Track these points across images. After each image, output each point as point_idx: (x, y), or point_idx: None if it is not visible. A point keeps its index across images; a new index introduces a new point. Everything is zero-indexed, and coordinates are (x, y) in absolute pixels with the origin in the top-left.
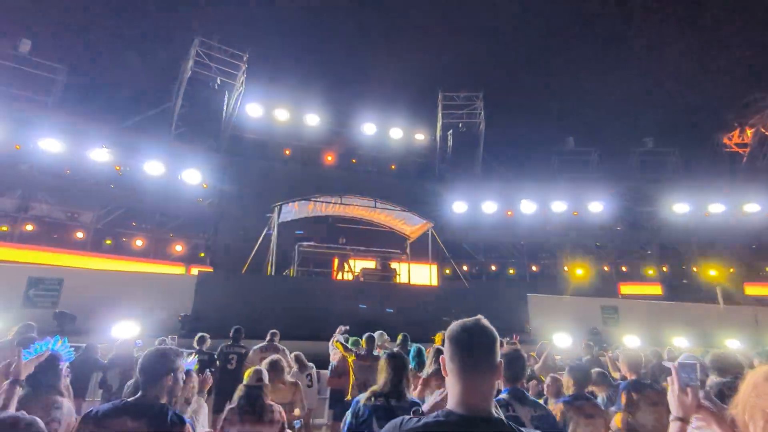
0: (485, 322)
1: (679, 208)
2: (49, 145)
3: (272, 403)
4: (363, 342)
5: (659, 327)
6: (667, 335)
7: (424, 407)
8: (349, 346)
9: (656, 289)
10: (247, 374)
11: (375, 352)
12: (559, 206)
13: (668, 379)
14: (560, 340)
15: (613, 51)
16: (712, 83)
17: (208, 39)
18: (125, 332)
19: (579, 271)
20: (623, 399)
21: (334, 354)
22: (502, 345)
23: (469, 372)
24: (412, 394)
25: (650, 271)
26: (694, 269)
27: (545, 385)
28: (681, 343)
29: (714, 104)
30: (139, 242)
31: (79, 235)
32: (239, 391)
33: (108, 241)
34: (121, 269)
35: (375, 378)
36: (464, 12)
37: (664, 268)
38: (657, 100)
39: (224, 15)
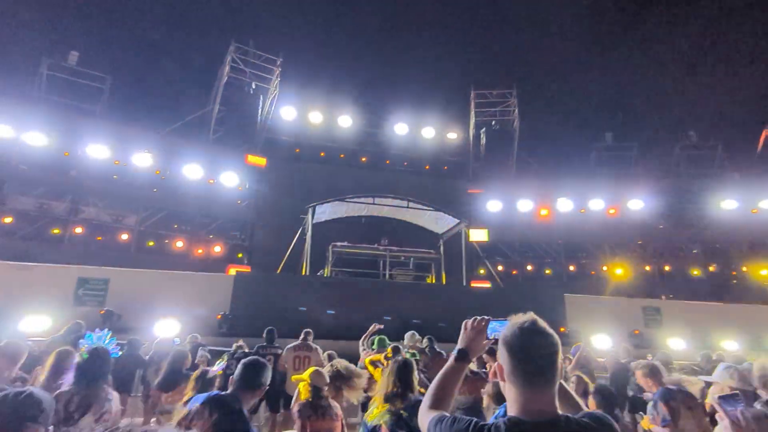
0: (542, 323)
1: (727, 204)
2: (97, 151)
3: (332, 400)
4: (389, 352)
5: (706, 329)
6: (715, 338)
7: None
8: (374, 346)
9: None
10: (308, 373)
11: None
12: (597, 204)
13: (716, 416)
14: (599, 342)
15: (652, 42)
16: (758, 74)
17: (244, 45)
18: (166, 330)
19: (619, 271)
20: (665, 409)
21: (365, 354)
22: None
23: (529, 378)
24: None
25: (696, 272)
26: (744, 269)
27: (571, 384)
28: (731, 346)
29: (760, 96)
30: (179, 243)
31: (124, 237)
32: (305, 388)
33: (150, 243)
34: (163, 269)
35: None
36: (495, 7)
37: (711, 268)
38: (700, 92)
39: (258, 21)
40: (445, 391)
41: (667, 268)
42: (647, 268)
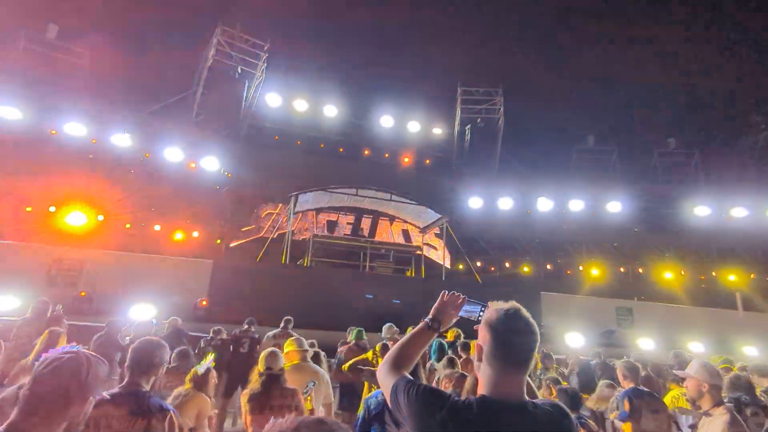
0: (525, 311)
1: (701, 211)
2: (74, 129)
3: (291, 387)
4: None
5: (675, 331)
6: (682, 339)
7: None
8: (351, 338)
9: None
10: (262, 358)
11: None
12: (576, 205)
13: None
14: (572, 340)
15: (636, 48)
16: (738, 84)
17: (230, 28)
18: (143, 314)
19: (595, 272)
20: (626, 406)
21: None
22: None
23: (507, 361)
24: None
25: (668, 275)
26: (713, 274)
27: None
28: (697, 348)
29: (739, 106)
30: (157, 227)
31: (100, 218)
32: (255, 375)
33: (128, 225)
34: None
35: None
36: (484, 5)
37: (683, 272)
38: (680, 100)
39: (246, 4)
40: (411, 352)
41: (640, 270)
42: (622, 269)
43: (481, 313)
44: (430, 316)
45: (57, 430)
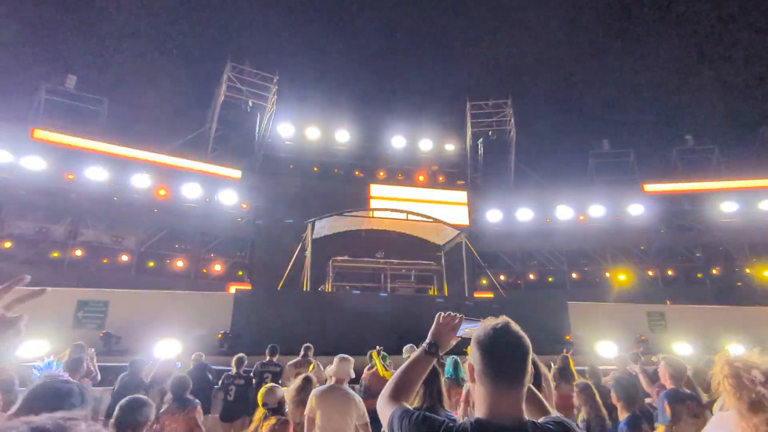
0: (515, 326)
1: (727, 207)
2: (95, 173)
3: (282, 418)
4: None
5: (711, 333)
6: (720, 341)
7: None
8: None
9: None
10: (259, 396)
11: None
12: (597, 210)
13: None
14: (604, 349)
15: (645, 47)
16: (755, 76)
17: (240, 63)
18: (167, 351)
19: (622, 277)
20: (668, 410)
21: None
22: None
23: (498, 378)
24: (449, 410)
25: (699, 275)
26: (747, 271)
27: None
28: (736, 349)
29: (757, 98)
30: (180, 263)
31: (124, 258)
32: (258, 415)
33: (151, 263)
34: (163, 289)
35: None
36: (488, 19)
37: (714, 271)
38: (695, 95)
39: (254, 39)
40: (410, 382)
41: (669, 272)
42: (650, 273)
43: None
44: (427, 341)
45: None
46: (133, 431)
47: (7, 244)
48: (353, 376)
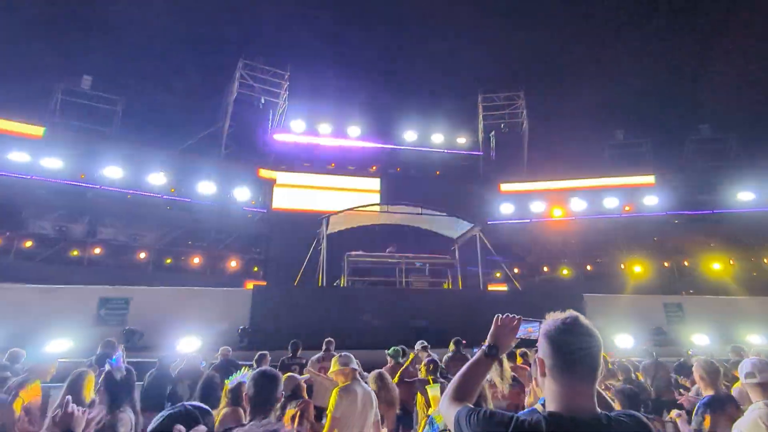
0: (584, 319)
1: (744, 196)
2: (112, 172)
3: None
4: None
5: (730, 324)
6: (739, 332)
7: None
8: (392, 356)
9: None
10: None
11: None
12: (611, 202)
13: None
14: (622, 341)
15: (658, 35)
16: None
17: (252, 60)
18: (189, 346)
19: (637, 269)
20: (707, 421)
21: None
22: None
23: (572, 373)
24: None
25: (716, 265)
26: (765, 260)
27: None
28: (756, 340)
29: None
30: (196, 260)
31: (142, 255)
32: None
33: (168, 260)
34: (180, 286)
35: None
36: (498, 10)
37: (731, 261)
38: (710, 84)
39: (265, 36)
40: (471, 383)
41: (686, 263)
42: (666, 264)
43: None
44: (487, 343)
45: None
46: (272, 406)
47: (28, 243)
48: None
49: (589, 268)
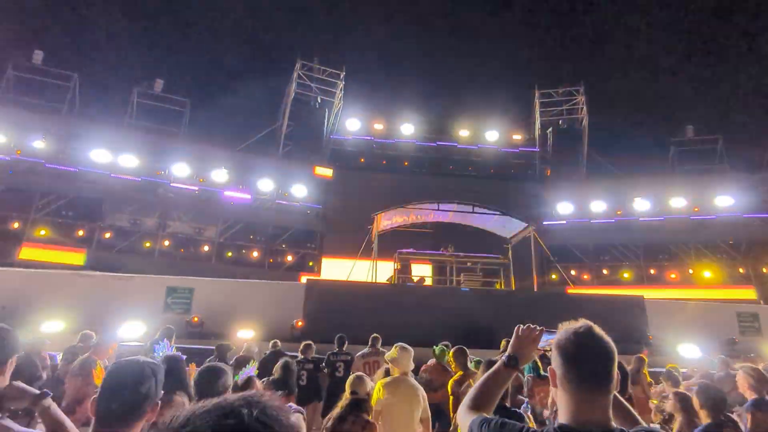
0: (598, 330)
1: None
2: (180, 169)
3: (366, 418)
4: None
5: None
6: None
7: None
8: (437, 356)
9: None
10: (348, 382)
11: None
12: (678, 202)
13: None
14: (687, 351)
15: (732, 24)
16: None
17: (309, 61)
18: (245, 336)
19: (707, 274)
20: (750, 421)
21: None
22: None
23: (582, 384)
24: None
25: None
26: None
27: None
28: None
29: None
30: (255, 253)
31: (206, 248)
32: (343, 401)
33: (229, 254)
34: (239, 278)
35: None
36: (554, 4)
37: None
38: None
39: (322, 38)
40: (489, 393)
41: (765, 269)
42: (740, 270)
43: None
44: (507, 353)
45: None
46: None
47: (107, 235)
48: (413, 366)
49: (652, 271)
